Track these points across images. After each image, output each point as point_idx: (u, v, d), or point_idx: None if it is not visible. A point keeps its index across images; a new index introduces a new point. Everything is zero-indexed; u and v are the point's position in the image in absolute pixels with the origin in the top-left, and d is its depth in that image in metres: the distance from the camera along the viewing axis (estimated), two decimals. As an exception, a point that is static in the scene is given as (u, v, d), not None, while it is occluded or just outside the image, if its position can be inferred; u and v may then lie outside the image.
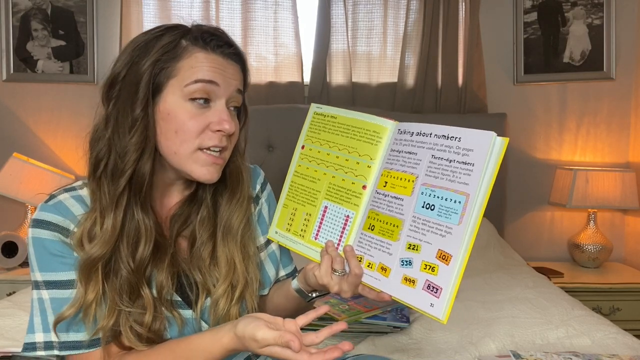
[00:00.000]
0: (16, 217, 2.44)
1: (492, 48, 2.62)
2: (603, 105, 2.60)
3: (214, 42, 0.84)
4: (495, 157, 0.71)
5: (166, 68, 0.82)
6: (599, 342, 1.36)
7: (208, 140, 0.82)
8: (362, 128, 0.86)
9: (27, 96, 2.55)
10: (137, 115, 0.80)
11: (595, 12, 2.54)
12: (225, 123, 0.82)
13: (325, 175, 0.89)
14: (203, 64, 0.82)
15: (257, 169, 1.05)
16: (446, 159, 0.76)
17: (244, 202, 0.92)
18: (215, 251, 0.89)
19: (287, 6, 2.56)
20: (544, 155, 2.64)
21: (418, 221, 0.76)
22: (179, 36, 0.83)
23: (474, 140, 0.75)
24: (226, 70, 0.84)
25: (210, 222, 0.91)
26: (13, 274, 2.21)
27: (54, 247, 0.80)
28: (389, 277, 0.77)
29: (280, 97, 2.56)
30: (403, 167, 0.80)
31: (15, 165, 2.27)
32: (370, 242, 0.81)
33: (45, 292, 0.81)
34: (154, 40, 0.83)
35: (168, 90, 0.82)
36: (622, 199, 2.35)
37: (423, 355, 1.31)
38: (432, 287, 0.72)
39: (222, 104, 0.84)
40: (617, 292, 2.21)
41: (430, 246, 0.74)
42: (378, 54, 2.61)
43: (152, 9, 2.50)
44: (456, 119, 2.52)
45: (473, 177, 0.71)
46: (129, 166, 0.80)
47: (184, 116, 0.81)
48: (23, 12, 2.50)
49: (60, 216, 0.81)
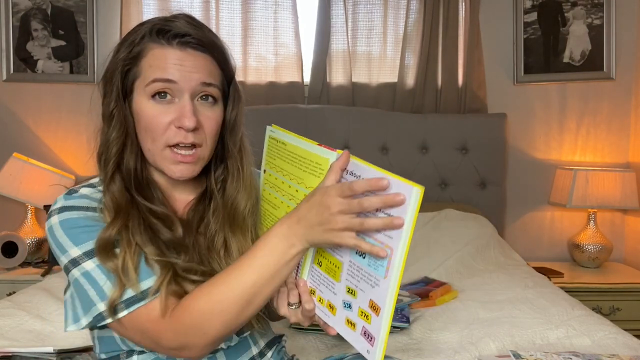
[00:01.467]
0: (16, 217, 2.44)
1: (492, 48, 2.62)
2: (603, 105, 2.60)
3: (169, 34, 0.83)
4: (413, 210, 0.66)
5: (131, 68, 0.84)
6: (599, 342, 1.36)
7: (173, 137, 0.83)
8: (307, 158, 0.81)
9: (27, 96, 2.54)
10: (113, 111, 0.84)
11: (595, 12, 2.54)
12: (185, 119, 0.81)
13: (282, 204, 0.86)
14: (160, 61, 0.82)
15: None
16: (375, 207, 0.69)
17: (247, 188, 0.92)
18: (228, 242, 0.90)
19: (287, 6, 2.56)
20: (544, 155, 2.64)
21: (353, 266, 0.73)
22: (142, 33, 0.84)
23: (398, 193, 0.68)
24: (184, 63, 0.82)
25: (220, 213, 0.91)
26: (13, 274, 2.21)
27: (84, 222, 0.80)
28: (336, 316, 0.77)
29: (280, 97, 2.56)
30: None
31: (15, 165, 2.27)
32: (320, 278, 0.79)
33: (89, 262, 0.78)
34: (127, 37, 0.86)
35: (136, 91, 0.84)
36: (622, 199, 2.35)
37: (423, 355, 1.31)
38: (367, 335, 0.71)
39: (186, 99, 0.83)
40: (617, 292, 2.21)
41: (363, 294, 0.71)
42: (378, 54, 2.61)
43: (152, 9, 2.51)
44: (456, 119, 2.52)
45: (396, 231, 0.66)
46: (112, 156, 0.84)
47: (148, 114, 0.83)
48: (23, 12, 2.50)
49: (87, 200, 0.83)
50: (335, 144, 2.69)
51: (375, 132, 2.48)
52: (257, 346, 0.94)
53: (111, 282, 0.77)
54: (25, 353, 1.16)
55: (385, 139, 2.49)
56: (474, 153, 2.50)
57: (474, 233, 2.23)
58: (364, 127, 2.48)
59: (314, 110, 2.49)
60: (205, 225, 0.91)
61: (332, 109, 2.50)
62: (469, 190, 2.52)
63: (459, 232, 2.20)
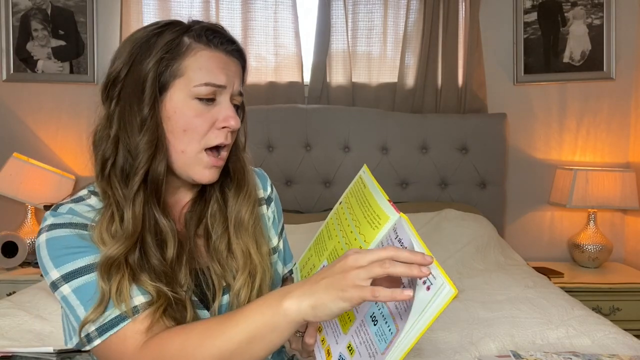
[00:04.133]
0: (16, 217, 2.44)
1: (492, 48, 2.62)
2: (603, 105, 2.60)
3: (217, 39, 0.84)
4: (436, 306, 0.61)
5: (171, 66, 0.81)
6: (599, 342, 1.36)
7: (215, 138, 0.83)
8: (372, 207, 0.80)
9: (27, 96, 2.54)
10: (146, 115, 0.80)
11: (595, 12, 2.54)
12: (231, 119, 0.83)
13: (336, 237, 0.87)
14: (211, 65, 0.82)
15: (262, 172, 1.06)
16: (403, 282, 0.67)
17: (250, 196, 0.92)
18: (231, 244, 0.89)
19: (287, 6, 2.56)
20: (544, 155, 2.64)
21: (363, 327, 0.70)
22: (181, 33, 0.83)
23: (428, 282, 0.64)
24: (230, 68, 0.85)
25: (222, 216, 0.91)
26: (13, 274, 2.21)
27: (69, 241, 0.77)
28: None
29: (280, 97, 2.56)
30: None
31: (15, 165, 2.27)
32: (331, 322, 0.79)
33: (65, 286, 0.75)
34: (154, 38, 0.82)
35: (174, 88, 0.82)
36: (622, 199, 2.35)
37: (423, 355, 1.31)
38: None
39: (227, 100, 0.84)
40: (617, 292, 2.21)
41: (360, 358, 0.68)
42: (378, 54, 2.61)
43: (152, 9, 2.50)
44: (456, 119, 2.52)
45: (408, 316, 0.62)
46: (142, 165, 0.79)
47: (190, 114, 0.82)
48: (23, 12, 2.50)
49: (75, 217, 0.80)
50: (335, 144, 2.70)
51: (375, 132, 2.48)
52: None
53: (85, 308, 0.75)
54: (25, 353, 1.16)
55: (385, 139, 2.49)
56: (474, 153, 2.50)
57: (474, 233, 2.23)
58: (364, 127, 2.48)
59: (314, 110, 2.49)
60: (205, 227, 0.90)
61: (332, 109, 2.50)
62: (469, 190, 2.52)
63: (459, 232, 2.20)
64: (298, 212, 2.45)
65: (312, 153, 2.49)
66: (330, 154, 2.48)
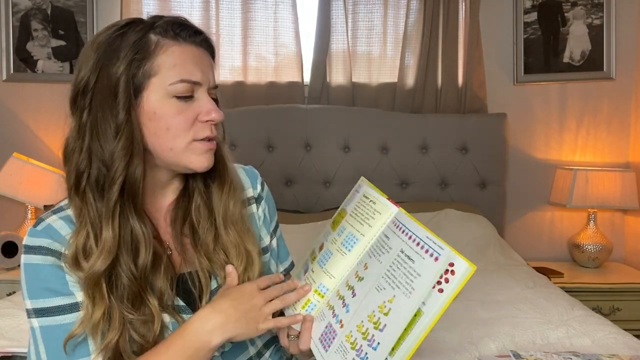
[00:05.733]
0: (16, 217, 2.44)
1: (492, 48, 2.62)
2: (603, 105, 2.60)
3: (184, 32, 0.82)
4: (456, 284, 0.68)
5: (143, 67, 0.79)
6: (599, 342, 1.36)
7: (200, 132, 0.82)
8: (370, 205, 0.88)
9: (27, 96, 2.54)
10: (121, 120, 0.77)
11: (595, 12, 2.54)
12: (214, 112, 0.82)
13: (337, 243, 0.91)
14: (184, 61, 0.80)
15: (252, 170, 1.03)
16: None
17: (236, 191, 0.91)
18: (219, 237, 0.88)
19: (287, 6, 2.56)
20: (544, 155, 2.64)
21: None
22: (146, 31, 0.80)
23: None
24: (203, 62, 0.83)
25: (206, 209, 0.89)
26: (13, 274, 2.21)
27: (44, 272, 0.77)
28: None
29: (280, 97, 2.55)
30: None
31: (15, 165, 2.27)
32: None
33: (35, 320, 0.77)
34: (118, 40, 0.79)
35: (149, 89, 0.79)
36: (622, 199, 2.35)
37: (423, 355, 1.31)
38: None
39: (205, 94, 0.83)
40: (617, 292, 2.21)
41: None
42: (378, 54, 2.61)
43: (152, 9, 2.51)
44: (456, 119, 2.52)
45: (414, 290, 0.71)
46: (119, 173, 0.77)
47: (171, 113, 0.80)
48: (23, 12, 2.50)
49: (50, 239, 0.78)
50: (335, 144, 2.70)
51: (375, 132, 2.48)
52: (255, 346, 0.94)
53: (46, 349, 0.76)
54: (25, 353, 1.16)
55: (385, 139, 2.49)
56: (474, 153, 2.50)
57: (474, 233, 2.23)
58: (364, 127, 2.48)
59: (314, 110, 2.49)
60: (190, 224, 0.89)
61: (332, 109, 2.50)
62: (469, 190, 2.52)
63: (459, 232, 2.20)
64: (298, 212, 2.45)
65: (312, 153, 2.49)
66: (330, 154, 2.48)
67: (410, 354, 0.68)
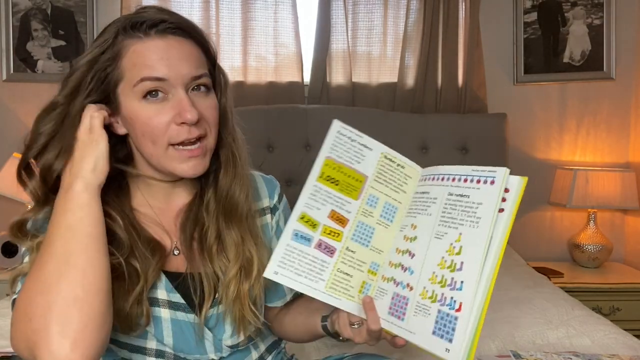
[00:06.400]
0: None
1: (492, 48, 2.62)
2: (603, 105, 2.60)
3: (144, 25, 0.76)
4: (513, 198, 0.74)
5: (111, 72, 0.76)
6: (599, 342, 1.36)
7: (177, 136, 0.76)
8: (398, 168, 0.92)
9: (27, 96, 2.54)
10: (57, 101, 0.82)
11: (595, 12, 2.54)
12: (186, 113, 0.75)
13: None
14: (143, 58, 0.75)
15: (273, 180, 0.99)
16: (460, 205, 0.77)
17: (243, 180, 0.86)
18: (221, 233, 0.84)
19: (287, 6, 2.56)
20: (544, 155, 2.64)
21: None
22: (113, 32, 0.77)
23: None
24: (170, 55, 0.76)
25: (213, 205, 0.85)
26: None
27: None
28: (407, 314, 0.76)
29: (280, 97, 2.55)
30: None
31: (15, 165, 2.26)
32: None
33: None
34: (95, 42, 0.78)
35: (122, 94, 0.77)
36: (622, 199, 2.35)
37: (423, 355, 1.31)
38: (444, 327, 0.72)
39: (180, 93, 0.76)
40: (617, 292, 2.21)
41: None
42: (378, 54, 2.61)
43: (152, 9, 2.51)
44: (456, 119, 2.51)
45: (479, 221, 0.72)
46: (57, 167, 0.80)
47: (144, 117, 0.76)
48: (23, 12, 2.50)
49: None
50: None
51: (375, 132, 2.43)
52: (258, 350, 0.93)
53: None
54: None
55: (385, 139, 2.43)
56: (474, 153, 2.50)
57: (474, 233, 2.22)
58: (364, 127, 2.44)
59: (314, 110, 2.49)
60: (200, 228, 0.85)
61: (332, 109, 2.50)
62: (469, 190, 2.52)
63: (459, 232, 2.20)
64: (298, 212, 2.45)
65: (312, 153, 2.49)
66: (330, 154, 2.48)
67: (492, 282, 0.72)
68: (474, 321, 0.69)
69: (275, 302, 0.97)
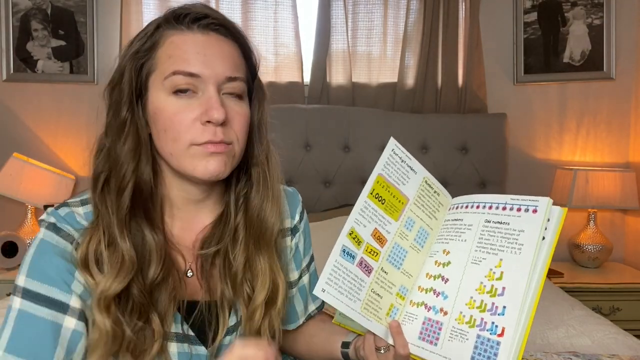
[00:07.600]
0: (16, 217, 2.44)
1: (492, 48, 2.62)
2: (603, 105, 2.60)
3: (188, 18, 0.72)
4: (554, 228, 0.77)
5: (146, 62, 0.72)
6: (599, 342, 1.36)
7: (200, 136, 0.71)
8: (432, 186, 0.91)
9: (27, 96, 2.54)
10: (124, 118, 0.72)
11: (595, 12, 2.54)
12: (213, 111, 0.70)
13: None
14: (180, 50, 0.71)
15: (296, 195, 0.94)
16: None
17: (275, 199, 0.81)
18: (250, 261, 0.79)
19: (287, 6, 2.56)
20: (544, 155, 2.64)
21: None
22: (156, 23, 0.74)
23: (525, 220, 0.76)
24: (208, 49, 0.72)
25: (243, 228, 0.80)
26: (13, 274, 2.21)
27: (57, 258, 0.70)
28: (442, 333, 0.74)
29: (280, 97, 2.55)
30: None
31: (15, 165, 2.27)
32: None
33: (18, 300, 0.68)
34: (139, 34, 0.75)
35: (152, 86, 0.73)
36: (622, 199, 2.35)
37: (423, 355, 1.31)
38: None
39: (211, 90, 0.72)
40: (617, 292, 2.21)
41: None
42: (378, 54, 2.61)
43: (152, 9, 2.50)
44: (456, 119, 2.51)
45: (522, 249, 0.73)
46: (127, 179, 0.72)
47: (169, 112, 0.71)
48: (23, 12, 2.50)
49: (71, 226, 0.72)
50: (335, 144, 2.70)
51: (375, 132, 2.48)
52: None
53: (10, 336, 0.67)
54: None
55: (385, 139, 2.47)
56: (474, 153, 2.50)
57: (474, 233, 2.22)
58: (364, 127, 2.48)
59: (314, 110, 2.49)
60: (223, 252, 0.79)
61: (332, 109, 2.50)
62: (469, 190, 2.52)
63: (459, 232, 2.20)
64: (298, 212, 2.45)
65: (312, 153, 2.49)
66: (330, 154, 2.48)
67: (534, 308, 0.70)
68: (517, 346, 0.68)
69: (287, 326, 0.95)
